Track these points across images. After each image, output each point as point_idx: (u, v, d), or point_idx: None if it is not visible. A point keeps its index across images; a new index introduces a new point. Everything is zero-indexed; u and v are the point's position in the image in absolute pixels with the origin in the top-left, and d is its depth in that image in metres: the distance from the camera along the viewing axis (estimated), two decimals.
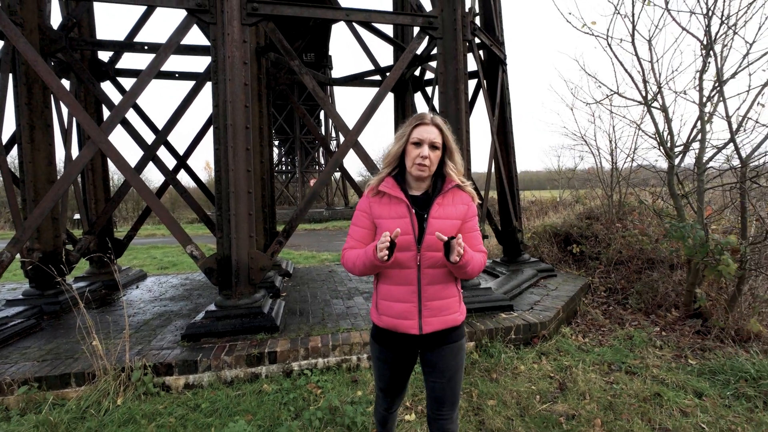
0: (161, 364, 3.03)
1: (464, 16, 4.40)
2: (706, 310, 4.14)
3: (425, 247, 1.49)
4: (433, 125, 1.50)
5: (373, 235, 1.59)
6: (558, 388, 2.99)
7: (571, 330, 4.19)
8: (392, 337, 1.58)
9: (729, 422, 2.47)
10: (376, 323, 1.63)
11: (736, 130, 3.75)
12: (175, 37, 3.79)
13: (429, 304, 1.52)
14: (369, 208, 1.57)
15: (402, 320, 1.52)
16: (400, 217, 1.51)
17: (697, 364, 3.33)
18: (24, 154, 4.42)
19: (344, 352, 3.35)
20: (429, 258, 1.50)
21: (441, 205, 1.52)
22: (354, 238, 1.60)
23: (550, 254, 6.69)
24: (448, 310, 1.55)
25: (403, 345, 1.58)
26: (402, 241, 1.47)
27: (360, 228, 1.59)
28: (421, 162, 1.46)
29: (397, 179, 1.56)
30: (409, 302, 1.52)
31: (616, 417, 2.54)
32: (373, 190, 1.57)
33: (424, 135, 1.48)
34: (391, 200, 1.53)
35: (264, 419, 2.60)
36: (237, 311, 3.64)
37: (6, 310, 4.03)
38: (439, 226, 1.49)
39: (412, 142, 1.49)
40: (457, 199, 1.56)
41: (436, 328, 1.53)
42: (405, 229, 1.48)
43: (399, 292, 1.52)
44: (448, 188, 1.54)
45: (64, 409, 2.67)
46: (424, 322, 1.51)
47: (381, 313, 1.58)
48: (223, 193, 3.74)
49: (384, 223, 1.52)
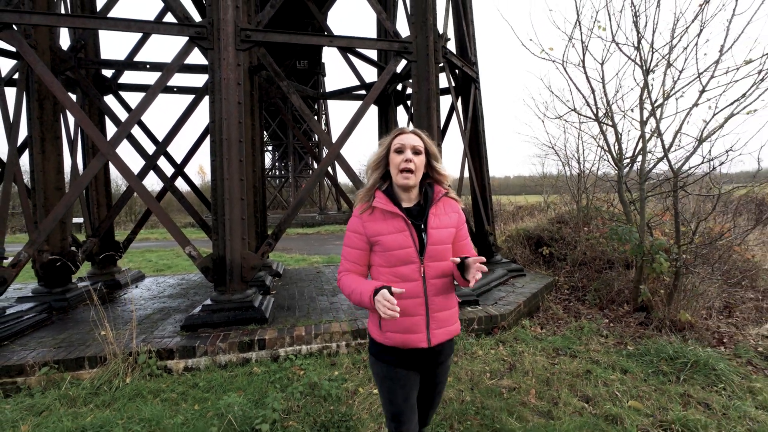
0: (164, 350, 3.47)
1: (436, 41, 4.92)
2: (650, 304, 4.67)
3: (428, 258, 1.49)
4: (413, 133, 1.54)
5: (368, 255, 1.57)
6: (508, 368, 3.48)
7: (531, 322, 4.69)
8: (399, 354, 1.53)
9: (641, 391, 2.97)
10: (379, 341, 1.56)
11: (668, 146, 4.30)
12: (176, 60, 4.26)
13: (436, 315, 1.51)
14: (362, 227, 1.54)
15: (410, 334, 1.49)
16: (399, 231, 1.49)
17: (633, 349, 3.84)
18: (35, 163, 4.85)
19: (325, 339, 3.81)
20: (433, 269, 1.50)
21: (436, 215, 1.54)
22: (348, 260, 1.58)
23: (522, 256, 7.21)
24: (451, 320, 1.56)
25: (410, 361, 1.54)
26: (404, 255, 1.47)
27: (354, 249, 1.57)
28: (405, 166, 1.47)
29: (388, 193, 1.54)
30: (417, 315, 1.49)
31: (549, 388, 3.03)
32: (364, 206, 1.56)
33: (404, 141, 1.50)
34: (386, 215, 1.52)
35: (253, 393, 3.05)
36: (230, 305, 4.09)
37: (19, 306, 4.43)
38: (438, 235, 1.51)
39: (395, 150, 1.51)
40: (448, 207, 1.59)
41: (442, 339, 1.53)
42: (405, 242, 1.48)
43: (406, 305, 1.47)
44: (439, 197, 1.56)
45: (80, 386, 3.10)
46: (432, 334, 1.50)
47: (386, 330, 1.52)
48: (219, 200, 4.19)
49: (383, 240, 1.50)
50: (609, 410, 2.68)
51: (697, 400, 2.85)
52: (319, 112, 23.44)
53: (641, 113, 4.51)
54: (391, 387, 1.55)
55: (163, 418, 2.63)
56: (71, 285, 5.14)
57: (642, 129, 4.52)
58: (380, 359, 1.56)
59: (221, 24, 4.17)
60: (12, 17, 3.84)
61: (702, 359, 3.29)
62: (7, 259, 4.06)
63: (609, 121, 4.92)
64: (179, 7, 4.28)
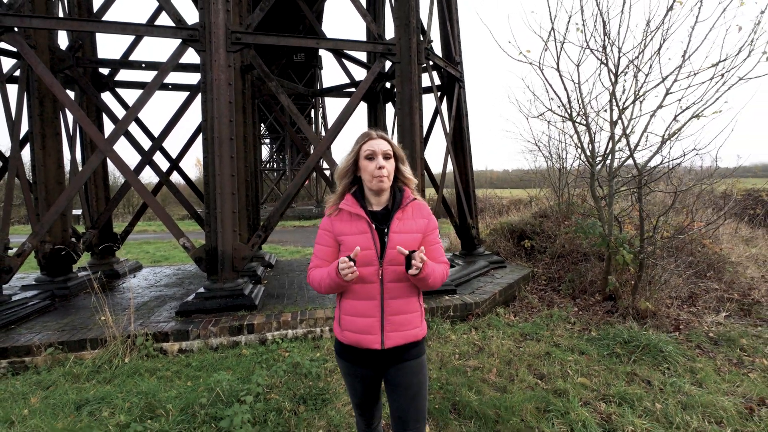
0: (159, 333, 3.76)
1: (419, 43, 5.15)
2: (617, 294, 4.98)
3: (387, 262, 1.52)
4: (381, 138, 1.56)
5: (336, 253, 1.61)
6: (477, 351, 3.78)
7: (506, 310, 5.00)
8: (355, 353, 1.58)
9: (592, 370, 3.28)
10: (339, 339, 1.63)
11: (635, 146, 4.58)
12: (171, 61, 4.50)
13: (391, 318, 1.54)
14: (331, 226, 1.60)
15: (364, 335, 1.53)
16: (361, 232, 1.53)
17: (596, 334, 4.15)
18: (36, 159, 5.10)
19: (310, 325, 4.11)
20: (391, 272, 1.52)
21: (401, 220, 1.56)
22: (318, 257, 1.62)
23: (505, 248, 7.50)
24: (409, 324, 1.57)
25: (366, 360, 1.58)
26: (364, 257, 1.50)
27: (323, 246, 1.62)
28: (379, 174, 1.51)
29: (356, 196, 1.58)
30: (372, 317, 1.53)
31: (509, 368, 3.34)
32: (333, 208, 1.61)
33: (375, 147, 1.53)
34: (352, 217, 1.56)
35: (241, 372, 3.34)
36: (222, 293, 4.38)
37: (23, 293, 4.71)
38: (399, 240, 1.52)
39: (365, 157, 1.54)
40: (416, 212, 1.60)
41: (397, 342, 1.55)
42: (366, 244, 1.51)
43: (362, 306, 1.54)
44: (407, 202, 1.58)
45: (83, 365, 3.40)
46: (385, 336, 1.53)
47: (344, 329, 1.59)
48: (211, 195, 4.45)
49: (346, 240, 1.55)
50: (559, 386, 2.99)
51: (641, 377, 3.16)
52: (316, 105, 23.57)
53: (611, 114, 4.77)
54: (351, 382, 1.65)
55: (159, 392, 2.92)
56: (72, 274, 5.43)
57: (612, 129, 4.79)
58: (340, 356, 1.64)
59: (212, 27, 4.39)
60: (14, 21, 4.06)
61: (653, 342, 3.60)
62: (12, 249, 4.33)
63: (583, 121, 5.18)
64: (173, 10, 4.50)
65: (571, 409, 2.65)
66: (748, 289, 5.43)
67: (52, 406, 2.76)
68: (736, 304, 4.99)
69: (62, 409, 2.73)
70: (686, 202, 6.30)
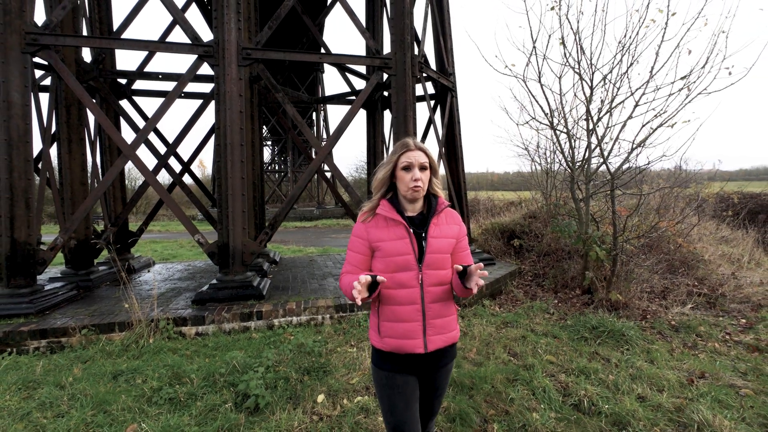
0: (179, 318, 4.23)
1: (413, 57, 5.63)
2: (594, 287, 5.43)
3: (426, 266, 1.54)
4: (419, 149, 1.58)
5: (369, 260, 1.63)
6: (461, 335, 4.24)
7: (492, 302, 5.46)
8: (397, 360, 1.58)
9: (560, 350, 3.73)
10: (378, 347, 1.61)
11: (608, 153, 5.04)
12: (188, 74, 4.98)
13: (433, 322, 1.55)
14: (366, 233, 1.61)
15: (407, 340, 1.54)
16: (399, 238, 1.55)
17: (571, 323, 4.60)
18: (63, 162, 5.59)
19: (312, 312, 4.58)
20: (431, 276, 1.55)
21: (437, 225, 1.59)
22: (351, 264, 1.64)
23: (496, 247, 7.96)
24: (449, 327, 1.60)
25: (408, 366, 1.58)
26: (403, 262, 1.53)
27: (356, 253, 1.63)
28: (415, 185, 1.54)
29: (392, 202, 1.61)
30: (414, 321, 1.54)
31: (487, 348, 3.80)
32: (367, 214, 1.63)
33: (412, 159, 1.56)
34: (388, 222, 1.58)
35: (252, 351, 3.81)
36: (233, 284, 4.84)
37: (53, 284, 5.19)
38: (437, 244, 1.56)
39: (402, 168, 1.57)
40: (449, 218, 1.64)
41: (439, 345, 1.57)
42: (405, 249, 1.54)
43: (402, 311, 1.54)
44: (441, 208, 1.62)
45: (113, 344, 3.87)
46: (428, 340, 1.54)
47: (384, 336, 1.57)
48: (223, 195, 4.93)
49: (384, 246, 1.56)
50: (528, 362, 3.44)
51: (602, 356, 3.62)
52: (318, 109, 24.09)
53: (587, 123, 5.24)
54: (390, 395, 1.58)
55: (183, 365, 3.39)
56: (93, 268, 5.90)
57: (588, 138, 5.26)
58: (380, 367, 1.61)
59: (225, 44, 4.88)
60: (50, 39, 4.55)
61: (617, 328, 4.05)
62: (44, 244, 4.81)
63: (564, 129, 5.65)
64: (190, 29, 4.99)
65: (535, 378, 3.11)
66: (718, 285, 5.88)
67: (93, 374, 3.24)
68: (704, 298, 5.44)
69: (101, 378, 3.20)
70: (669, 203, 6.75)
